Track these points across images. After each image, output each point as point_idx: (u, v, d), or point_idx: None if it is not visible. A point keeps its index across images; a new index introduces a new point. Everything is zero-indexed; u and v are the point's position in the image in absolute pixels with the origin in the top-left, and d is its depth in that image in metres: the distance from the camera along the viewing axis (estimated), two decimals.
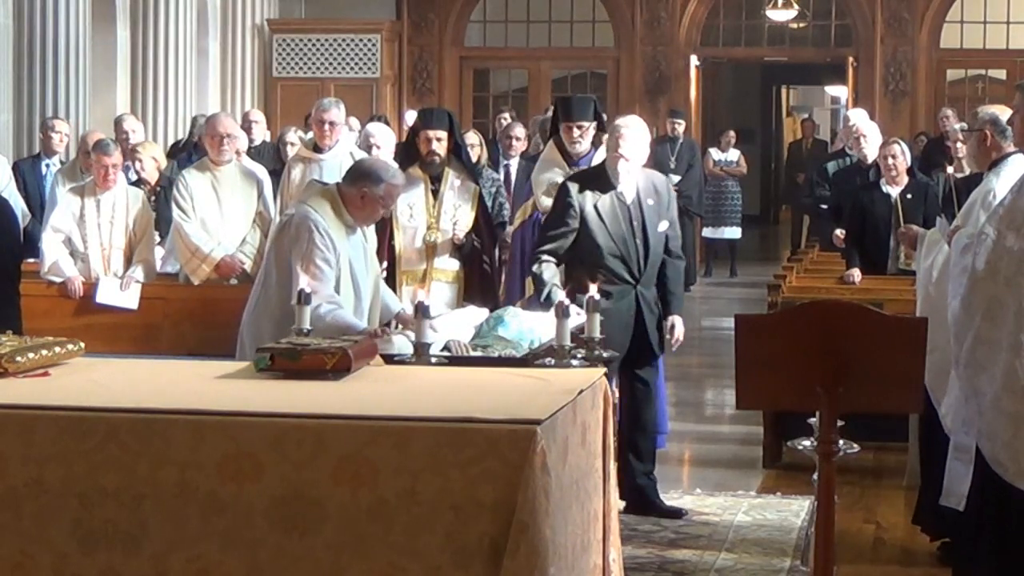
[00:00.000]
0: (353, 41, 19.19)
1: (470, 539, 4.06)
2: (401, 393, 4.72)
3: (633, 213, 7.30)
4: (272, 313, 6.38)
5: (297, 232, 6.37)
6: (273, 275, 6.47)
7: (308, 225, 6.36)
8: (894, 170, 9.94)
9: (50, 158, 11.50)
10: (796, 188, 19.36)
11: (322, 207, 6.46)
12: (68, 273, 9.15)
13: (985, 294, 4.91)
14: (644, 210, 7.31)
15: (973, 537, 5.18)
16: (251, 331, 6.48)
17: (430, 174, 8.49)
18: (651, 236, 7.31)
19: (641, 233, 7.30)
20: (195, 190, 9.09)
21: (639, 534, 6.95)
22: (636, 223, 7.30)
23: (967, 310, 4.96)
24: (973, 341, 4.92)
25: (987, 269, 4.91)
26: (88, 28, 13.82)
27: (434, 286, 8.29)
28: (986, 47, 19.61)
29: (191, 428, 4.19)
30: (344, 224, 6.49)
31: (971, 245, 5.04)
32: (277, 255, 6.48)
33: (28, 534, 4.22)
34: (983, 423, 4.91)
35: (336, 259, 6.38)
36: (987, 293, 4.90)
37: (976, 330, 4.90)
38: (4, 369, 4.67)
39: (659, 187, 7.43)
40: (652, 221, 7.32)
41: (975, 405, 4.94)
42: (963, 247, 5.12)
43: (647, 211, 7.32)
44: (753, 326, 4.95)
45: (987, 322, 4.88)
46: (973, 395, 4.95)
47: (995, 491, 4.97)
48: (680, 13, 19.71)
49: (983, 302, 4.91)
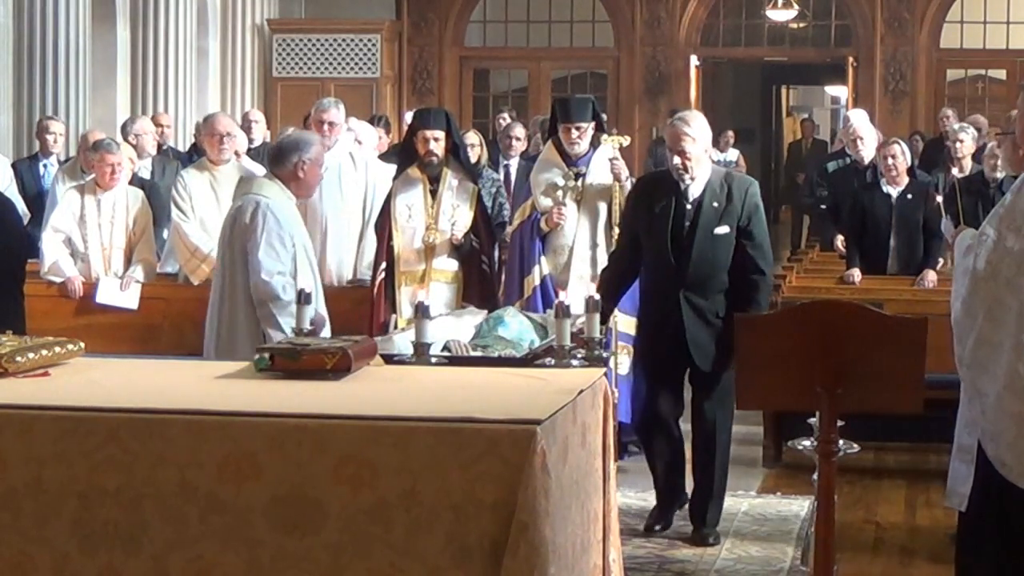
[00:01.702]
0: (353, 41, 19.20)
1: (470, 539, 4.05)
2: (401, 393, 4.72)
3: (689, 215, 6.95)
4: (243, 305, 6.68)
5: (252, 221, 6.68)
6: (239, 266, 6.72)
7: (261, 211, 6.67)
8: (894, 170, 9.94)
9: (47, 158, 11.50)
10: (796, 188, 19.35)
11: (272, 192, 6.76)
12: (68, 273, 9.16)
13: (986, 295, 4.91)
14: (703, 212, 6.94)
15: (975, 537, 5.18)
16: (226, 327, 6.72)
17: (428, 175, 8.49)
18: (699, 239, 6.91)
19: (691, 235, 6.93)
20: (194, 190, 9.09)
21: (639, 534, 6.95)
22: (688, 224, 6.94)
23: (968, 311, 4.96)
24: (975, 342, 4.92)
25: (988, 270, 4.91)
26: (88, 28, 13.83)
27: (433, 286, 8.29)
28: (986, 47, 19.63)
29: (191, 428, 4.19)
30: (293, 203, 6.82)
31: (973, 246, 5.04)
32: (238, 248, 6.73)
33: (28, 534, 4.21)
34: (986, 424, 4.91)
35: (291, 239, 6.69)
36: (988, 294, 4.90)
37: (978, 331, 4.90)
38: (4, 369, 4.67)
39: (733, 189, 6.97)
40: (707, 224, 6.92)
41: (978, 406, 4.94)
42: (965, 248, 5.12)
43: (705, 213, 6.93)
44: (753, 326, 4.95)
45: (989, 323, 4.88)
46: (976, 396, 4.95)
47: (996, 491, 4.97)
48: (680, 13, 19.72)
49: (984, 303, 4.91)
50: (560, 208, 8.39)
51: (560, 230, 8.42)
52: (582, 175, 8.42)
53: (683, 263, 6.90)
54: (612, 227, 8.32)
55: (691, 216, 6.94)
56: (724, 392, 6.86)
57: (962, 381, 5.02)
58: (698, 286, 6.91)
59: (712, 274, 6.92)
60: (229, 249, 6.78)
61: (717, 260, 6.91)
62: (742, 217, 6.94)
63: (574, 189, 8.42)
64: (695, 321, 6.90)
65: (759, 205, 7.03)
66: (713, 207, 6.93)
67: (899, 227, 9.92)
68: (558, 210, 8.38)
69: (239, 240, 6.72)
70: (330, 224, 9.02)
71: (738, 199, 6.94)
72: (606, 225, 8.39)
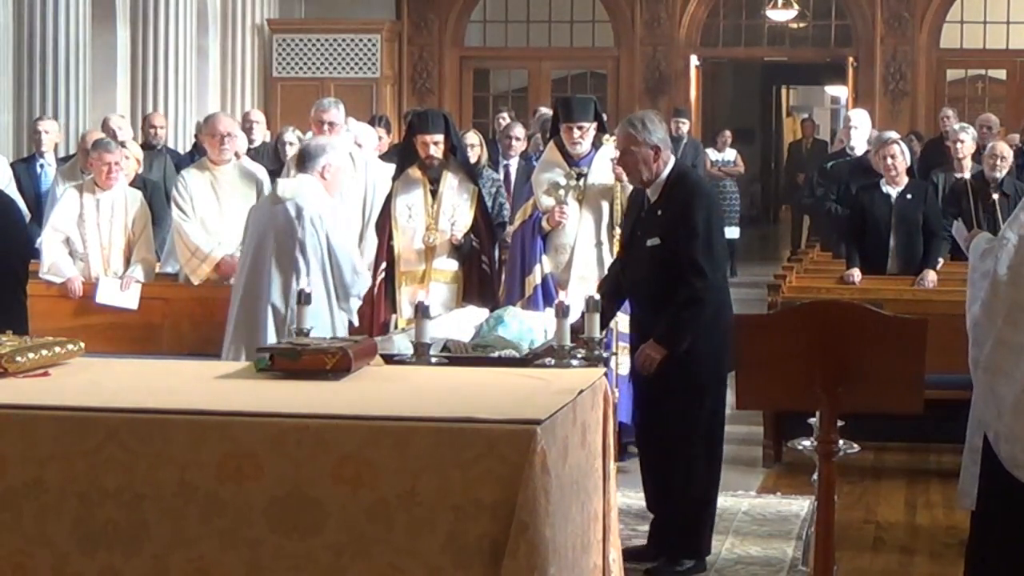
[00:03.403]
0: (353, 41, 19.20)
1: (470, 539, 4.05)
2: (401, 393, 4.72)
3: (641, 224, 6.55)
4: (265, 302, 7.43)
5: (314, 225, 7.50)
6: (269, 265, 7.42)
7: (319, 214, 7.52)
8: (893, 170, 9.93)
9: (43, 157, 11.50)
10: (796, 188, 19.35)
11: (317, 195, 7.50)
12: (68, 273, 9.16)
13: (1007, 299, 4.92)
14: (647, 222, 6.52)
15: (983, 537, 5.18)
16: (275, 311, 7.43)
17: (429, 176, 8.49)
18: (636, 250, 6.53)
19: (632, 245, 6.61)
20: (194, 190, 9.08)
21: (639, 534, 6.95)
22: (639, 234, 6.55)
23: (988, 314, 4.97)
24: (994, 345, 4.93)
25: (1009, 274, 4.92)
26: (88, 28, 13.83)
27: (433, 286, 8.29)
28: (986, 47, 19.62)
29: (191, 428, 4.19)
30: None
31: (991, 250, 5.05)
32: (275, 248, 7.44)
33: (28, 534, 4.21)
34: (1002, 426, 4.92)
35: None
36: (1009, 298, 4.91)
37: (997, 334, 4.91)
38: (4, 369, 4.67)
39: (676, 197, 6.42)
40: (645, 234, 6.48)
41: (994, 408, 4.95)
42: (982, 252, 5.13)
43: (647, 222, 6.51)
44: (753, 326, 4.95)
45: (1009, 326, 4.89)
46: (992, 399, 4.96)
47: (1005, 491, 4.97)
48: (680, 13, 19.71)
49: (1004, 307, 4.92)
50: (562, 207, 8.39)
51: (561, 229, 8.42)
52: (584, 175, 8.42)
53: (630, 276, 6.62)
54: (614, 227, 8.32)
55: (643, 226, 6.53)
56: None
57: (976, 384, 5.02)
58: (638, 298, 6.58)
59: (647, 284, 6.48)
60: (260, 249, 6.90)
61: (652, 272, 6.43)
62: (675, 224, 6.38)
63: (576, 188, 8.42)
64: (638, 336, 6.55)
65: (695, 207, 6.42)
66: (657, 215, 6.46)
67: (899, 227, 9.91)
68: (560, 209, 8.39)
69: (287, 241, 6.97)
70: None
71: (676, 205, 6.42)
72: (608, 225, 8.40)
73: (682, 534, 6.50)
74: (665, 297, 6.32)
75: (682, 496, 6.47)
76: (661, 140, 6.44)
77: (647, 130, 6.43)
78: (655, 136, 6.42)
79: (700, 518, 6.51)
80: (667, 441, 6.46)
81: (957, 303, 8.92)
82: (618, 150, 6.60)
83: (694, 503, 6.49)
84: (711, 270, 6.32)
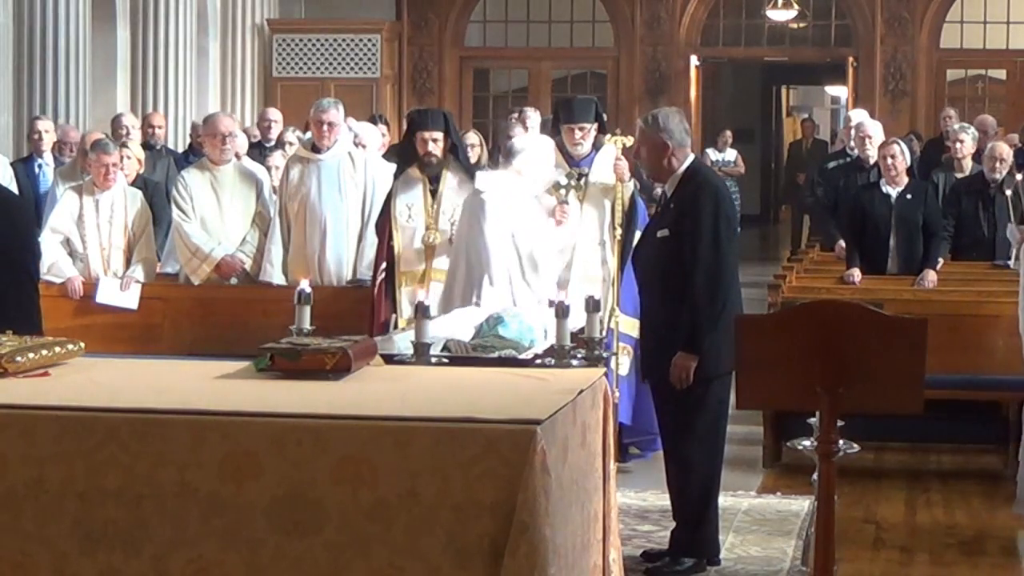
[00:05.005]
0: (353, 41, 19.20)
1: (470, 539, 4.06)
2: (401, 393, 4.72)
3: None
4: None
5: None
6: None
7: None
8: (893, 170, 9.93)
9: (41, 158, 11.50)
10: (796, 188, 19.35)
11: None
12: (68, 273, 9.15)
13: None
14: (661, 214, 6.68)
15: None
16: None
17: (428, 175, 8.49)
18: (649, 241, 6.64)
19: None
20: (195, 190, 9.08)
21: (639, 534, 6.95)
22: (652, 226, 6.73)
23: None
24: None
25: None
26: (88, 28, 13.82)
27: (433, 286, 8.28)
28: (986, 47, 19.61)
29: (191, 428, 4.19)
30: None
31: None
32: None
33: (28, 534, 4.21)
34: None
35: None
36: None
37: None
38: (4, 369, 4.67)
39: (686, 191, 6.50)
40: (657, 226, 6.61)
41: None
42: None
43: (661, 215, 6.67)
44: (753, 326, 4.95)
45: None
46: None
47: None
48: (680, 13, 19.71)
49: None
50: (563, 207, 8.39)
51: (562, 229, 8.42)
52: (585, 175, 8.43)
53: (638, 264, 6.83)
54: (615, 227, 8.32)
55: (657, 217, 6.77)
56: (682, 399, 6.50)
57: None
58: (647, 297, 6.70)
59: (654, 282, 6.60)
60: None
61: (658, 268, 6.53)
62: (681, 220, 6.47)
63: (577, 188, 8.42)
64: (649, 336, 6.69)
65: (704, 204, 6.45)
66: (671, 209, 6.58)
67: (899, 227, 9.91)
68: (561, 209, 8.39)
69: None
70: (329, 224, 9.01)
71: (688, 200, 6.48)
72: (609, 225, 8.40)
73: (684, 531, 6.52)
74: (672, 288, 6.40)
75: (682, 493, 6.52)
76: (670, 136, 6.53)
77: (656, 126, 6.54)
78: (664, 132, 6.52)
79: (703, 516, 6.53)
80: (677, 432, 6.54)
81: (957, 303, 8.99)
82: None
83: (695, 501, 6.52)
84: (716, 263, 6.38)
